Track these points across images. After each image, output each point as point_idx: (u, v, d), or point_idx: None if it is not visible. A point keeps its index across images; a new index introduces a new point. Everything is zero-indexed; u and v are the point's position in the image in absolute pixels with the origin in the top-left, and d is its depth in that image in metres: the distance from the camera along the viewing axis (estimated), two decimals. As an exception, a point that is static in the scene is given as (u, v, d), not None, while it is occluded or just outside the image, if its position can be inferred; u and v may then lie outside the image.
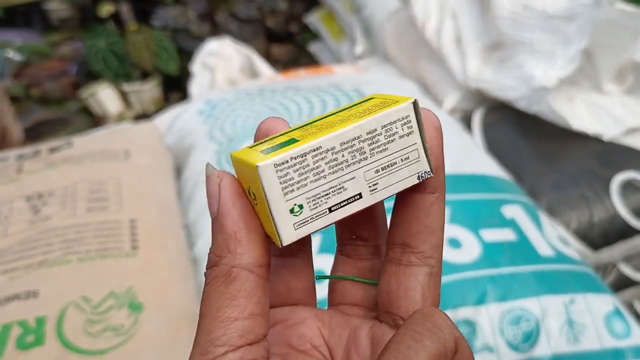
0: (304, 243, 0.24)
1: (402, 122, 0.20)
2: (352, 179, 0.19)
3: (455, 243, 0.63)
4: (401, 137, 0.20)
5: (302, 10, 2.15)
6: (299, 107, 0.88)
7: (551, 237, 0.68)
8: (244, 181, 0.20)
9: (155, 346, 0.53)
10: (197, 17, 2.08)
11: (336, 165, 0.19)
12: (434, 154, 0.21)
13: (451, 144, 0.80)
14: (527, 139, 0.95)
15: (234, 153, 0.21)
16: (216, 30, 2.07)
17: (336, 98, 0.90)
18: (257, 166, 0.18)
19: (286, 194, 0.19)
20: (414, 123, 0.20)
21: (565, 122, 0.91)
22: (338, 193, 0.19)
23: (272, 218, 0.19)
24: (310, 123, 0.22)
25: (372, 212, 0.24)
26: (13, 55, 2.10)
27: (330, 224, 0.19)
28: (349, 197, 0.19)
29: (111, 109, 2.03)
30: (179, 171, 0.90)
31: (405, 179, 0.20)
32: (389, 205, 0.22)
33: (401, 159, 0.20)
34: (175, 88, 2.09)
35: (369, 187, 0.20)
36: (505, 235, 0.65)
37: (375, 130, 0.20)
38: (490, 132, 1.00)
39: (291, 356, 0.23)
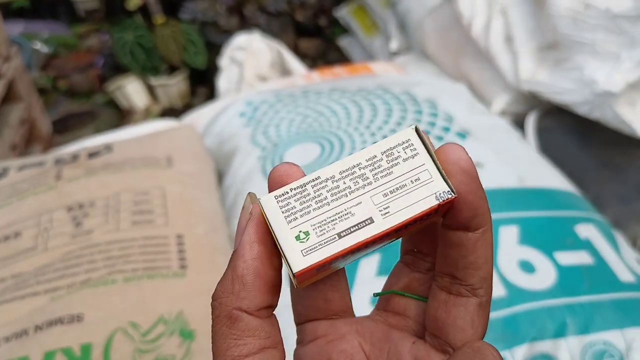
0: None
1: (403, 146, 0.20)
2: (358, 204, 0.20)
3: (528, 267, 0.58)
4: (405, 160, 0.20)
5: (331, 3, 2.09)
6: (347, 112, 0.83)
7: (629, 259, 0.62)
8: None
9: (208, 377, 0.49)
10: (225, 11, 2.04)
11: (338, 192, 0.20)
12: (468, 202, 0.20)
13: (515, 155, 0.75)
14: (587, 146, 0.89)
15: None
16: (245, 24, 2.03)
17: (386, 101, 0.85)
18: (259, 199, 0.20)
19: (289, 222, 0.19)
20: (417, 145, 0.20)
21: (631, 129, 0.85)
22: (345, 219, 0.19)
23: (280, 246, 0.19)
24: None
25: (433, 232, 0.23)
26: (41, 47, 2.08)
27: (347, 250, 0.19)
28: (359, 222, 0.19)
29: (138, 103, 2.00)
30: (219, 177, 0.86)
31: (422, 200, 0.20)
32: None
33: (411, 181, 0.20)
34: (203, 82, 2.05)
35: (380, 211, 0.19)
36: (581, 258, 0.60)
37: (375, 156, 0.20)
38: (545, 137, 0.94)
39: None
